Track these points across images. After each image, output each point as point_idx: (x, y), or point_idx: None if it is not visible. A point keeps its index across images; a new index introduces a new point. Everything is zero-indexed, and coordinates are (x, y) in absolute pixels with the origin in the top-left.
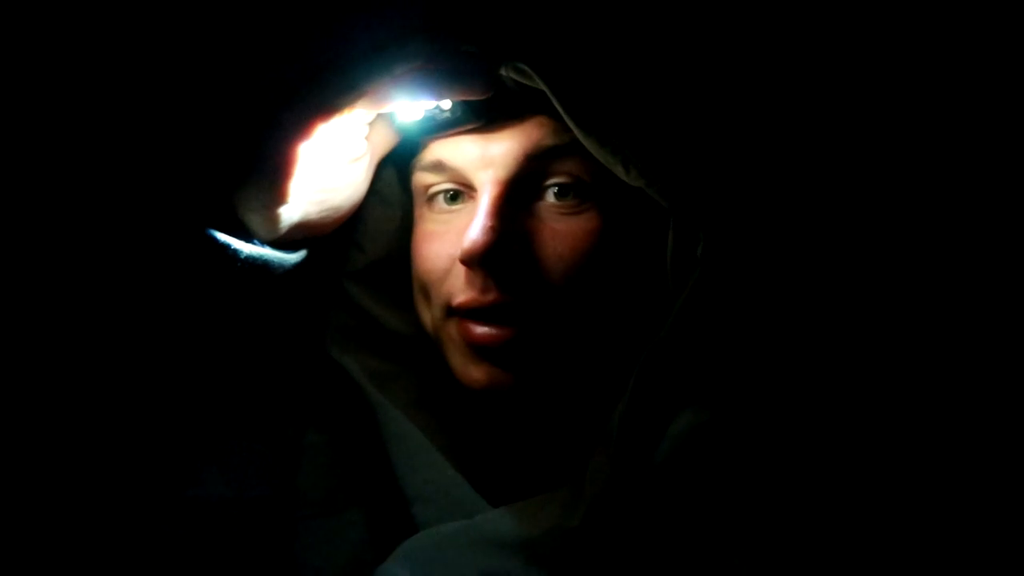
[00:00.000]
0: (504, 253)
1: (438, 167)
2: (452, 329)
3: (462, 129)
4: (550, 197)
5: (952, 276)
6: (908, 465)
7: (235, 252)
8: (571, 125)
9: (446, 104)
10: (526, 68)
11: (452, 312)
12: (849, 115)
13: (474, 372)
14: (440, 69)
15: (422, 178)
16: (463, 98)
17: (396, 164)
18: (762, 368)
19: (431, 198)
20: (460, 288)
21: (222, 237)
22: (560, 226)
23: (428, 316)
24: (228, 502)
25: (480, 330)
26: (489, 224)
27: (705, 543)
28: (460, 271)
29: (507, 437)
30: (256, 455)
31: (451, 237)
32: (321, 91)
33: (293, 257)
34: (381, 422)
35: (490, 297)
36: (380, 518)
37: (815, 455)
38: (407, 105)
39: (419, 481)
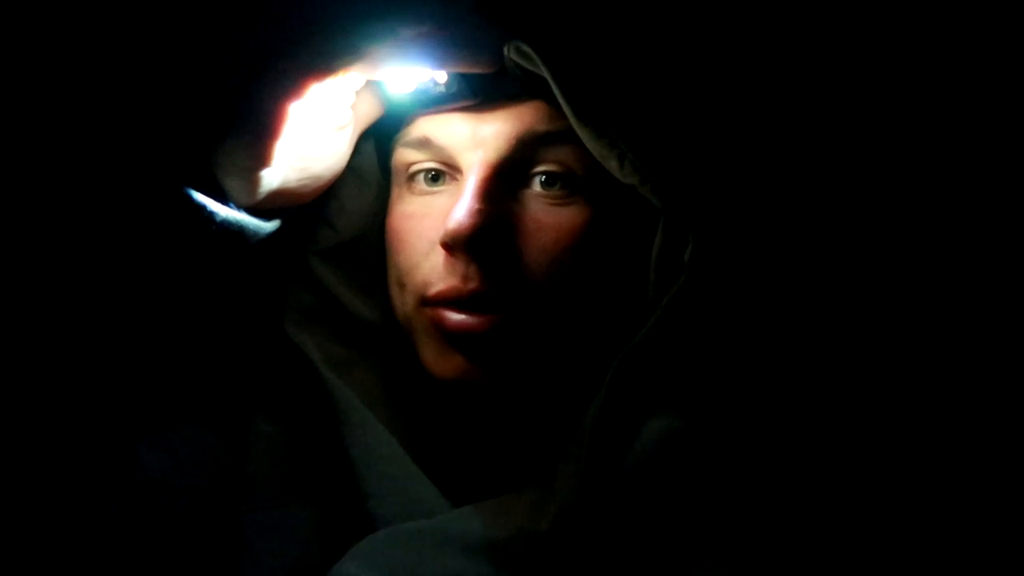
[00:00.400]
0: (489, 239)
1: (424, 144)
2: (425, 317)
3: (454, 106)
4: (537, 185)
5: (941, 289)
6: (878, 473)
7: (211, 214)
8: (568, 113)
9: (442, 77)
10: (529, 50)
11: (427, 302)
12: (844, 127)
13: (446, 363)
14: (446, 36)
15: (405, 155)
16: (467, 70)
17: (375, 139)
18: (739, 376)
19: (412, 177)
20: (439, 275)
21: (199, 197)
22: (545, 217)
23: (400, 302)
24: (170, 487)
25: (456, 318)
26: (476, 207)
27: (673, 549)
28: (439, 257)
29: (473, 433)
30: (203, 441)
31: (431, 220)
32: (320, 48)
33: (269, 225)
34: (339, 411)
35: (471, 285)
36: (333, 513)
37: (787, 464)
38: (404, 73)
39: (377, 476)
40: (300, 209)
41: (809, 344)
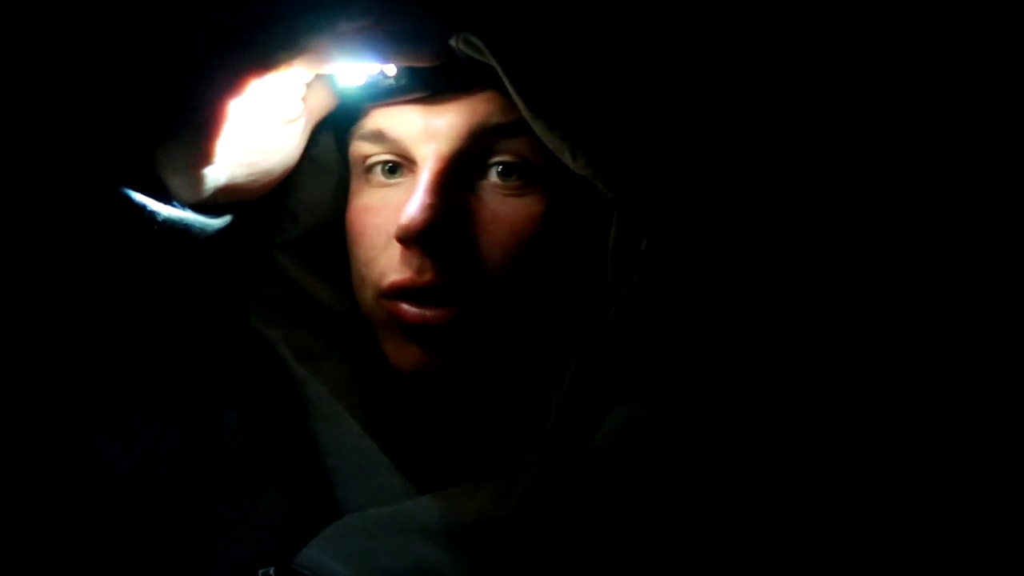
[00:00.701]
0: (442, 233)
1: (378, 137)
2: (384, 310)
3: (406, 98)
4: (494, 176)
5: (894, 276)
6: (834, 458)
7: (152, 214)
8: (520, 105)
9: (391, 70)
10: (477, 41)
11: (385, 294)
12: (799, 115)
13: (405, 355)
14: (388, 30)
15: (360, 147)
16: (410, 64)
17: (334, 130)
18: (700, 363)
19: (369, 169)
20: (395, 268)
21: (138, 197)
22: (502, 208)
23: (361, 295)
24: (136, 480)
25: (413, 311)
26: (428, 201)
27: (636, 534)
28: (396, 249)
29: (439, 423)
30: (168, 432)
31: (388, 213)
32: (257, 44)
33: (217, 222)
34: (307, 401)
35: (426, 278)
36: (301, 501)
37: (746, 449)
38: (350, 67)
39: (344, 465)
40: (262, 201)
41: (768, 330)
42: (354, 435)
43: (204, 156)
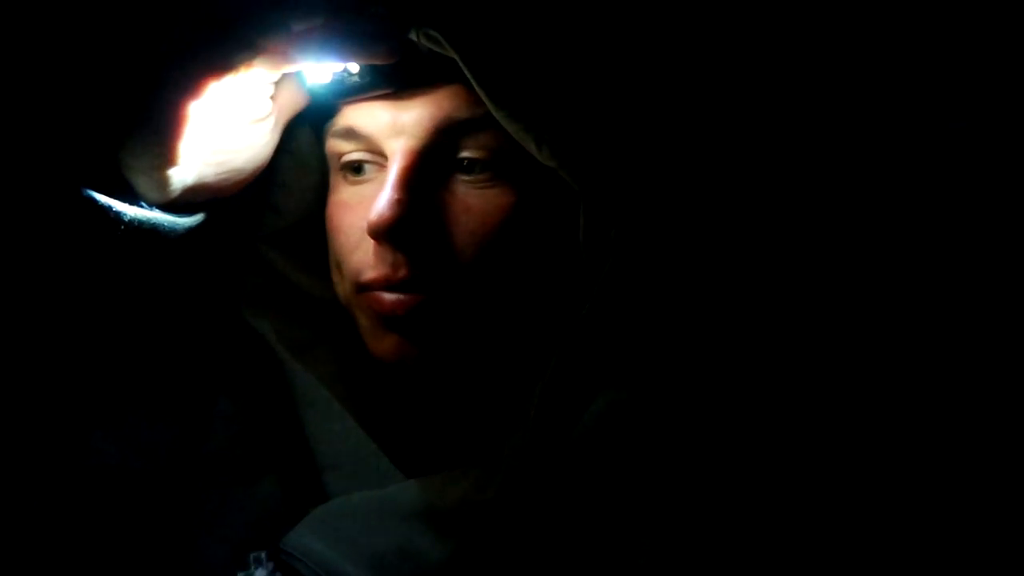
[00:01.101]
0: (412, 227)
1: (349, 134)
2: (362, 300)
3: (372, 94)
4: (463, 169)
5: (862, 251)
6: (814, 441)
7: (118, 215)
8: (483, 97)
9: (354, 67)
10: (437, 35)
11: (362, 287)
12: (765, 100)
13: (383, 344)
14: (343, 28)
15: (335, 145)
16: (367, 61)
17: (313, 125)
18: (678, 348)
19: (344, 165)
20: (370, 264)
21: (102, 199)
22: (472, 200)
23: (340, 287)
24: (127, 471)
25: (388, 299)
26: (396, 197)
27: (617, 521)
28: (370, 244)
29: (423, 411)
30: (159, 423)
31: (362, 209)
32: (212, 47)
33: (187, 221)
34: (295, 389)
35: (400, 273)
36: (291, 487)
37: (727, 434)
38: (312, 66)
39: (332, 450)
40: (247, 195)
41: (743, 313)
42: (342, 422)
43: (167, 158)
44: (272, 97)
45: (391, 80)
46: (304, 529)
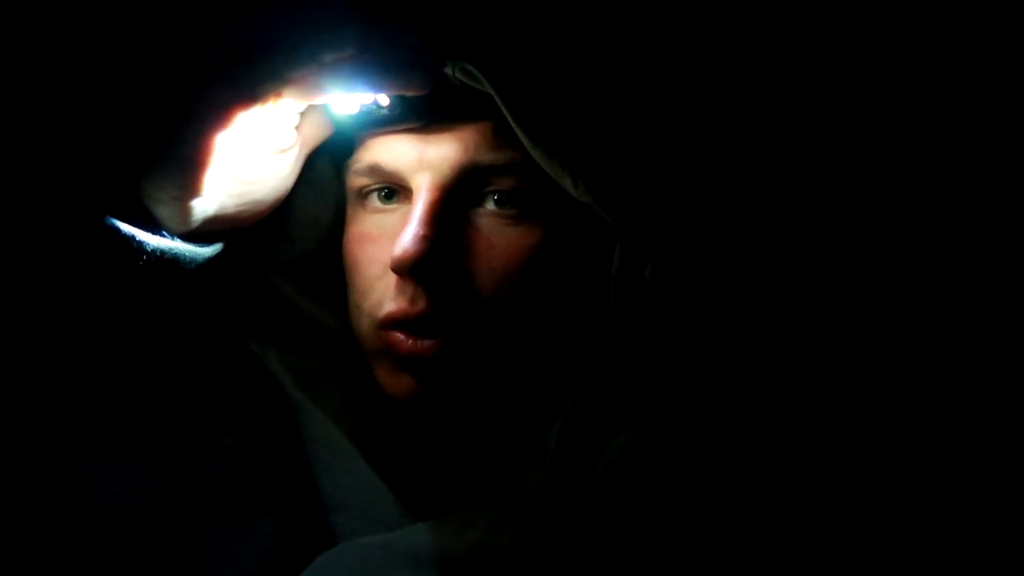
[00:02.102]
0: (436, 264)
1: (374, 171)
2: (379, 339)
3: (400, 127)
4: (490, 204)
5: (899, 304)
6: (840, 486)
7: (140, 244)
8: (519, 133)
9: (384, 100)
10: (473, 70)
11: (382, 324)
12: (799, 140)
13: (397, 384)
14: (374, 60)
15: (357, 181)
16: (398, 93)
17: (331, 154)
18: (703, 391)
19: (365, 196)
20: (391, 297)
21: (126, 228)
22: (497, 238)
23: (357, 323)
24: (127, 509)
25: (406, 343)
26: (422, 233)
27: (633, 565)
28: (392, 279)
29: (434, 449)
30: (161, 458)
31: (384, 241)
32: (241, 77)
33: (207, 251)
34: (302, 424)
35: (419, 308)
36: (296, 527)
37: (750, 479)
38: (341, 98)
39: (341, 489)
40: (258, 224)
41: (772, 356)
42: (349, 458)
43: (191, 189)
44: (297, 127)
45: (420, 114)
46: (311, 573)
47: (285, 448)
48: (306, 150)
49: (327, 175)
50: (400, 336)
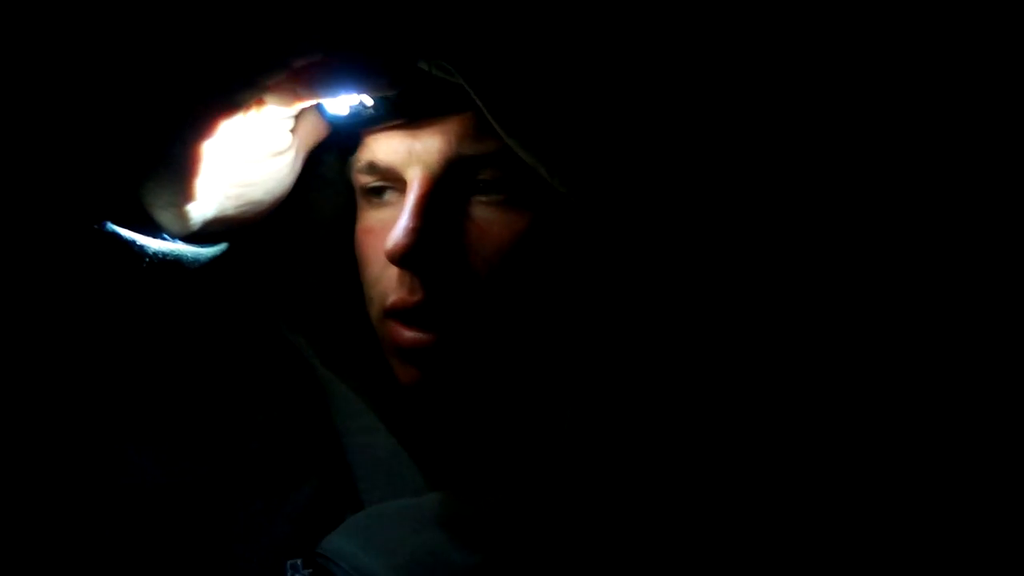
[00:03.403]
0: (428, 253)
1: (371, 168)
2: (387, 329)
3: (389, 124)
4: (480, 191)
5: (887, 292)
6: (833, 479)
7: (142, 248)
8: (496, 126)
9: (368, 99)
10: (448, 66)
11: (387, 313)
12: (784, 129)
13: (404, 373)
14: (343, 63)
15: (359, 178)
16: (368, 94)
17: (340, 151)
18: (693, 365)
19: (368, 191)
20: (393, 288)
21: (126, 233)
22: (488, 224)
23: (371, 312)
24: (166, 488)
25: (406, 334)
26: (412, 225)
27: (639, 530)
28: (394, 270)
29: (447, 424)
30: (196, 439)
31: (385, 234)
32: (216, 88)
33: (210, 251)
34: (333, 402)
35: (416, 297)
36: (326, 494)
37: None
38: (323, 100)
39: (367, 460)
40: (278, 217)
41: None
42: (376, 432)
43: (185, 195)
44: (293, 130)
45: (404, 110)
46: (340, 535)
47: (315, 423)
48: (304, 150)
49: (336, 170)
50: (400, 328)
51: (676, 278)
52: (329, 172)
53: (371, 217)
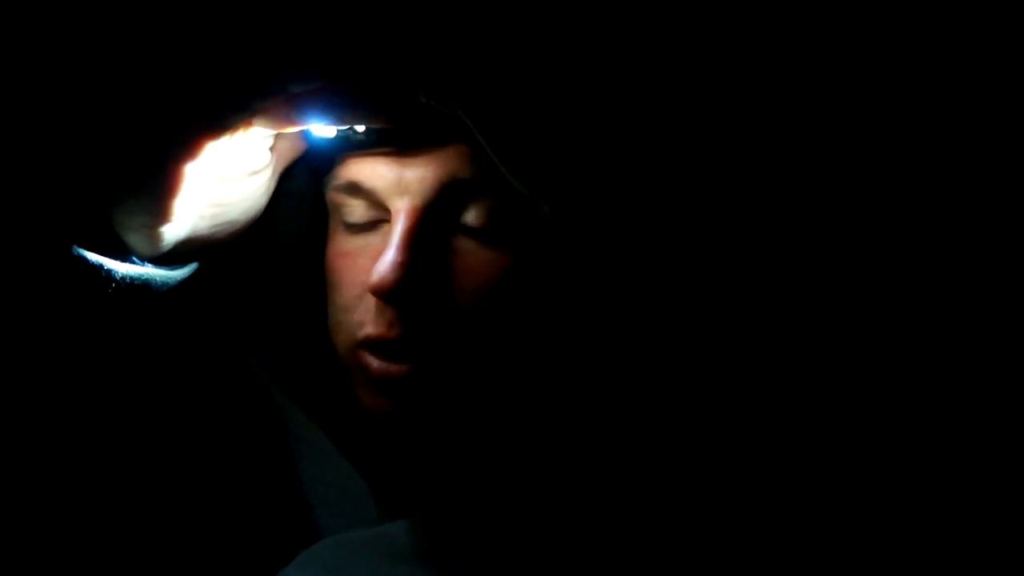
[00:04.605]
0: (414, 288)
1: (353, 189)
2: (358, 358)
3: (377, 151)
4: (467, 225)
5: (876, 290)
6: (825, 481)
7: (109, 272)
8: (496, 161)
9: (360, 126)
10: (448, 99)
11: (360, 344)
12: (777, 153)
13: (374, 401)
14: (343, 93)
15: (336, 197)
16: (366, 124)
17: (310, 166)
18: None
19: (344, 212)
20: (370, 319)
21: (93, 258)
22: (474, 259)
23: (337, 339)
24: (115, 514)
25: (378, 364)
26: (400, 259)
27: (611, 549)
28: (371, 299)
29: (412, 453)
30: (147, 464)
31: (364, 261)
32: (209, 110)
33: (180, 273)
34: (287, 426)
35: (395, 332)
36: (281, 523)
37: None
38: (312, 127)
39: (322, 487)
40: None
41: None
42: (332, 460)
43: (161, 217)
44: (270, 148)
45: (396, 139)
46: (295, 567)
47: (271, 448)
48: (280, 167)
49: (306, 186)
50: (373, 359)
51: (670, 315)
52: (298, 187)
53: (347, 241)
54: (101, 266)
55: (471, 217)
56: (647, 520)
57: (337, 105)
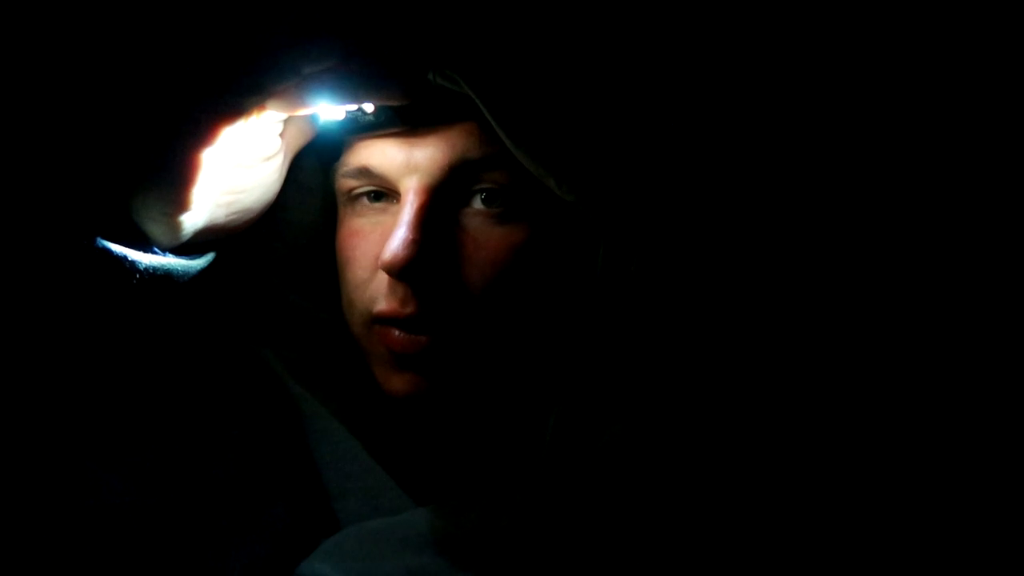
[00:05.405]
0: (425, 266)
1: (363, 173)
2: (375, 336)
3: (386, 132)
4: (477, 203)
5: (888, 295)
6: (826, 480)
7: (133, 264)
8: (502, 136)
9: (369, 106)
10: (455, 75)
11: (375, 319)
12: (786, 137)
13: (395, 381)
14: (355, 72)
15: (346, 183)
16: (379, 103)
17: (318, 154)
18: (693, 379)
19: (355, 197)
20: (383, 295)
21: (117, 249)
22: (484, 237)
23: (351, 319)
24: (133, 507)
25: (401, 338)
26: (411, 237)
27: (629, 549)
28: (384, 276)
29: (432, 439)
30: (165, 456)
31: (376, 238)
32: (225, 93)
33: (199, 263)
34: (304, 417)
35: (408, 309)
36: (302, 514)
37: (740, 463)
38: (324, 108)
39: (342, 477)
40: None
41: (759, 343)
42: (351, 449)
43: (180, 204)
44: (281, 134)
45: (405, 119)
46: (318, 557)
47: (289, 439)
48: (291, 154)
49: (315, 175)
50: (394, 332)
51: (680, 289)
52: (306, 176)
53: (359, 221)
54: (125, 257)
55: (480, 195)
56: (664, 510)
57: (348, 84)
